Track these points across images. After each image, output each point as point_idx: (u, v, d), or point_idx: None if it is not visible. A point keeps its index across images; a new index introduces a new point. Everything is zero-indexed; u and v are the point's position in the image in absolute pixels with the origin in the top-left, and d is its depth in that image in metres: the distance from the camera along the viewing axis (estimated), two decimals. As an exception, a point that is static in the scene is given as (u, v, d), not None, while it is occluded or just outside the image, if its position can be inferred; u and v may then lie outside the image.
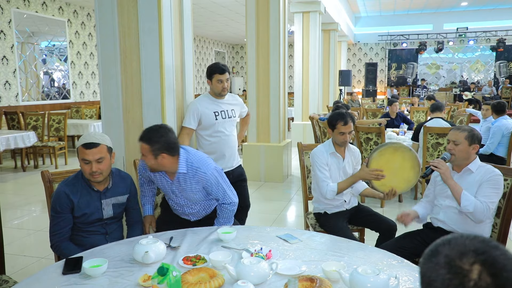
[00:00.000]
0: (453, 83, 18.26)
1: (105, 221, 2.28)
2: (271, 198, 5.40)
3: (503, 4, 15.52)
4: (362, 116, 8.60)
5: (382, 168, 2.64)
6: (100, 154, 2.13)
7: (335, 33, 12.91)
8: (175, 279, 1.46)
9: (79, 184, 2.21)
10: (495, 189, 2.34)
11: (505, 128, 5.26)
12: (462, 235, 0.83)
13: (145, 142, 2.23)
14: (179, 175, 2.34)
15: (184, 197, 2.45)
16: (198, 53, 17.22)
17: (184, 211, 2.53)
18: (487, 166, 2.42)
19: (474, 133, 2.43)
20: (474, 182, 2.40)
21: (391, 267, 1.77)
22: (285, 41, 6.31)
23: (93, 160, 2.11)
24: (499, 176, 2.36)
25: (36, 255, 3.64)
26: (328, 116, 3.12)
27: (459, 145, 2.42)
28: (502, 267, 0.76)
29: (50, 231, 2.19)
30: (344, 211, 2.99)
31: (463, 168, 2.46)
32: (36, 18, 9.02)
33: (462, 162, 2.45)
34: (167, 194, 2.52)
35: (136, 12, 3.08)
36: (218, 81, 3.21)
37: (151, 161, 2.25)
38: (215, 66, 3.23)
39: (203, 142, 3.29)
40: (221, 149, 3.26)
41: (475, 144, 2.42)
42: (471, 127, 2.50)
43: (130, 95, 3.19)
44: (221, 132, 3.25)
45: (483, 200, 2.31)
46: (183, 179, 2.36)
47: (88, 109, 9.46)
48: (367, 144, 5.01)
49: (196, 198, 2.44)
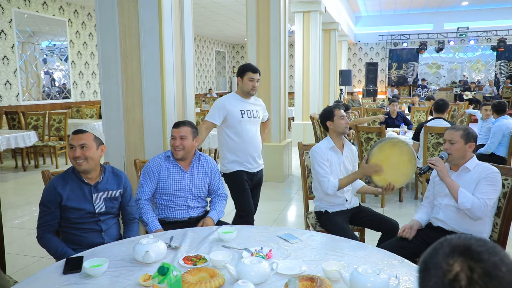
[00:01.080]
0: (454, 82, 18.25)
1: (99, 217, 2.28)
2: (271, 198, 5.40)
3: (504, 3, 15.50)
4: (362, 116, 8.60)
5: (382, 163, 2.69)
6: (84, 141, 2.21)
7: (336, 33, 12.90)
8: (175, 279, 1.46)
9: (70, 178, 2.24)
10: (492, 186, 2.35)
11: (506, 128, 5.25)
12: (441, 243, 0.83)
13: (188, 126, 2.67)
14: (195, 160, 2.71)
15: (193, 187, 2.68)
16: (199, 52, 17.22)
17: (187, 204, 2.68)
18: (484, 164, 2.44)
19: (469, 131, 2.47)
20: (472, 180, 2.41)
21: (392, 266, 1.77)
22: (286, 41, 6.31)
23: (77, 145, 2.20)
24: (496, 173, 2.37)
25: (36, 254, 3.64)
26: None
27: (455, 144, 2.45)
28: (479, 255, 0.77)
29: (37, 224, 2.22)
30: (345, 211, 2.99)
31: (460, 167, 2.48)
32: (37, 18, 9.03)
33: (459, 161, 2.48)
34: (175, 193, 2.65)
35: (136, 12, 3.08)
36: (250, 79, 3.24)
37: (190, 142, 2.63)
38: (248, 65, 3.31)
39: (228, 140, 3.27)
40: (247, 149, 3.27)
41: (470, 142, 2.45)
42: (466, 126, 2.53)
43: (130, 95, 3.19)
44: (246, 131, 3.26)
45: (481, 196, 2.33)
46: (198, 162, 2.73)
47: (88, 108, 9.47)
48: (368, 144, 5.01)
49: (201, 186, 2.72)
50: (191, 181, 2.67)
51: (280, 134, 6.21)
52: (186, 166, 2.69)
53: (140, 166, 2.85)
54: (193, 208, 2.69)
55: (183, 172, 2.66)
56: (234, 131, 3.25)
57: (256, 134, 3.35)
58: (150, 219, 2.53)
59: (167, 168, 2.64)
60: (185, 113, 3.47)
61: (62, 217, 2.22)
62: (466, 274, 0.75)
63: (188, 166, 2.69)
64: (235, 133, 3.25)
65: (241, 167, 3.27)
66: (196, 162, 2.72)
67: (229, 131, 3.27)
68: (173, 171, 2.65)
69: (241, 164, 3.27)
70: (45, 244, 2.20)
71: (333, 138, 2.99)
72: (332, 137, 3.00)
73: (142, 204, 2.56)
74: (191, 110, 3.56)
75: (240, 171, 3.23)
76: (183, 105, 3.45)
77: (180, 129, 2.63)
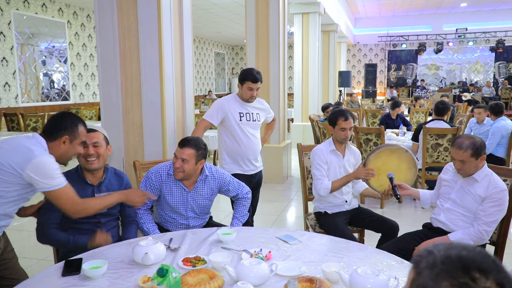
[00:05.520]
0: (453, 84, 18.28)
1: (99, 217, 2.27)
2: (271, 199, 5.40)
3: (502, 5, 15.52)
4: (362, 117, 8.61)
5: (378, 170, 2.66)
6: (96, 139, 2.25)
7: (335, 34, 12.91)
8: (174, 280, 1.46)
9: (73, 178, 2.23)
10: (498, 207, 2.29)
11: (504, 129, 5.26)
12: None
13: (193, 148, 2.40)
14: (200, 180, 2.50)
15: (196, 206, 2.53)
16: (198, 54, 17.23)
17: (187, 223, 2.56)
18: (493, 177, 2.34)
19: (477, 146, 2.33)
20: (477, 193, 2.35)
21: (391, 268, 1.77)
22: (285, 42, 6.31)
23: (90, 143, 2.22)
24: (503, 193, 2.29)
25: (35, 256, 3.64)
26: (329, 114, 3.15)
27: (466, 163, 2.35)
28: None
29: (38, 222, 2.20)
30: (344, 212, 2.99)
31: (469, 176, 2.41)
32: (36, 20, 9.03)
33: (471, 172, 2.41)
34: (176, 210, 2.51)
35: (135, 14, 3.08)
36: (249, 88, 3.21)
37: (191, 166, 2.40)
38: (249, 73, 3.20)
39: (226, 140, 3.29)
40: (244, 151, 3.27)
41: (481, 156, 2.34)
42: (469, 138, 2.37)
43: (130, 97, 3.19)
44: (244, 134, 3.25)
45: (478, 226, 2.31)
46: (203, 183, 2.51)
47: (88, 110, 9.47)
48: (367, 145, 5.02)
49: (205, 204, 2.57)
50: (193, 201, 2.51)
51: (280, 135, 6.21)
52: (190, 185, 2.49)
53: (140, 168, 2.85)
54: (193, 226, 2.57)
55: (185, 192, 2.48)
56: (232, 133, 3.25)
57: (255, 137, 3.34)
58: (151, 228, 2.44)
59: (169, 186, 2.48)
60: (184, 114, 3.47)
61: (63, 217, 2.21)
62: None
63: (192, 185, 2.49)
64: (233, 135, 3.25)
65: (238, 169, 3.28)
66: (202, 182, 2.51)
67: (227, 132, 3.28)
68: (175, 190, 2.48)
69: (238, 166, 3.28)
70: (51, 239, 2.17)
71: (334, 141, 2.99)
72: (334, 140, 3.00)
73: (141, 214, 2.46)
74: (191, 111, 3.56)
75: (237, 174, 3.22)
76: (182, 107, 3.44)
77: (183, 150, 2.38)
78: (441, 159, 4.79)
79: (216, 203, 2.78)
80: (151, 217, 2.51)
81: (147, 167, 2.82)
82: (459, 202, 2.43)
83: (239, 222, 2.61)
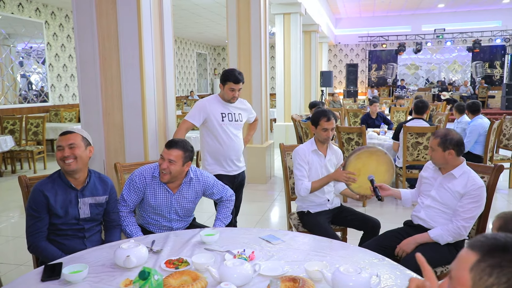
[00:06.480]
0: (431, 83, 18.64)
1: (82, 223, 2.24)
2: (254, 199, 5.40)
3: (478, 6, 15.90)
4: (344, 117, 8.69)
5: (358, 171, 2.69)
6: (72, 140, 2.20)
7: (316, 35, 13.01)
8: (156, 283, 1.45)
9: (56, 183, 2.20)
10: (475, 203, 2.33)
11: (481, 127, 5.38)
12: None
13: (180, 149, 2.38)
14: (185, 183, 2.48)
15: (179, 209, 2.51)
16: (180, 55, 17.12)
17: (171, 226, 2.54)
18: (471, 175, 2.38)
19: (447, 138, 2.37)
20: (455, 190, 2.39)
21: (373, 265, 1.79)
22: (266, 43, 6.33)
23: (65, 145, 2.18)
24: (480, 189, 2.34)
25: (14, 262, 3.55)
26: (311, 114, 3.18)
27: (433, 152, 2.43)
28: None
29: (27, 232, 2.16)
30: (327, 211, 3.02)
31: (447, 172, 2.45)
32: (12, 20, 8.82)
33: (443, 166, 2.45)
34: (159, 212, 2.49)
35: (115, 14, 3.04)
36: (231, 89, 3.20)
37: (178, 167, 2.37)
38: (231, 74, 3.18)
39: (208, 141, 3.29)
40: (226, 152, 3.27)
41: (449, 149, 2.38)
42: (447, 130, 2.44)
43: (110, 98, 3.15)
44: (226, 134, 3.25)
45: (456, 222, 2.36)
46: (188, 186, 2.49)
47: (67, 112, 9.30)
48: (349, 144, 5.07)
49: (189, 207, 2.56)
50: (177, 203, 2.49)
51: (262, 135, 6.22)
52: (174, 188, 2.47)
53: (121, 170, 2.81)
54: (176, 228, 2.55)
55: (170, 194, 2.46)
56: (214, 133, 3.25)
57: (237, 137, 3.34)
58: (134, 230, 2.42)
59: (153, 189, 2.45)
60: (166, 115, 3.44)
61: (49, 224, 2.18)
62: None
63: (177, 188, 2.47)
64: (215, 136, 3.25)
65: (221, 170, 3.27)
66: (186, 184, 2.49)
67: (209, 133, 3.27)
68: (160, 192, 2.45)
69: (221, 166, 3.27)
70: (41, 253, 2.15)
71: (316, 141, 3.01)
72: (315, 140, 3.02)
73: (124, 217, 2.43)
74: (172, 112, 3.53)
75: (220, 175, 3.22)
76: (164, 108, 3.42)
77: (170, 151, 2.36)
78: (421, 157, 4.87)
79: (200, 205, 2.76)
80: (134, 220, 2.48)
81: (128, 169, 2.79)
82: (439, 199, 2.48)
83: (222, 223, 2.60)
